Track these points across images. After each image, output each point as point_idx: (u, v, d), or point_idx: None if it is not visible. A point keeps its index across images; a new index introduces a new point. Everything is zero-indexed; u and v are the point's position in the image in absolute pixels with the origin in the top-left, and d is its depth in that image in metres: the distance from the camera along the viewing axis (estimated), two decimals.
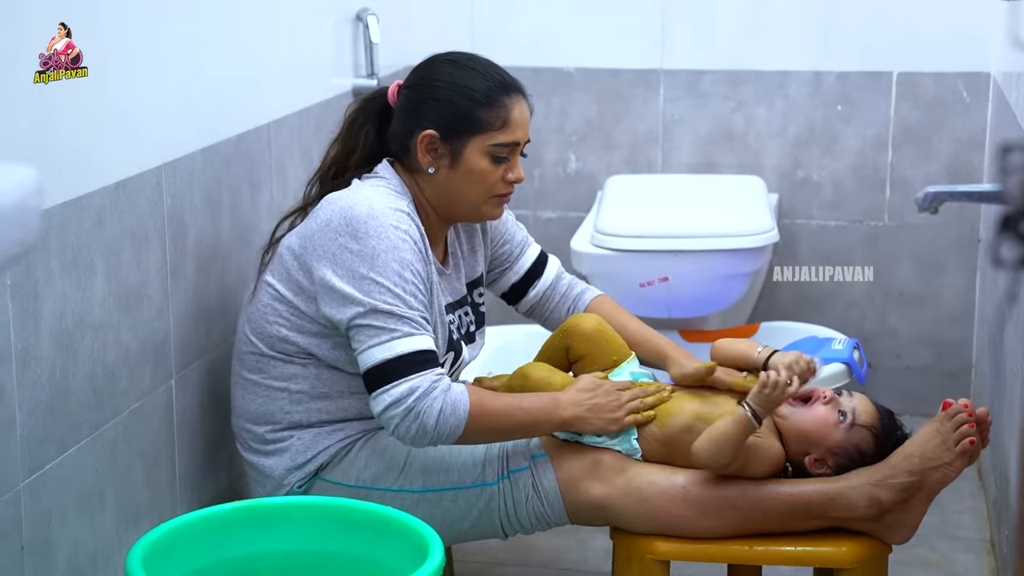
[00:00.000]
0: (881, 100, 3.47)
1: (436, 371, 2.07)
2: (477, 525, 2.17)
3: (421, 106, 2.19)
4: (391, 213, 2.12)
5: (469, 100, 2.17)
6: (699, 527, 2.10)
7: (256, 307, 2.19)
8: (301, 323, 2.16)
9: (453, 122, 2.17)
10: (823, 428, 2.09)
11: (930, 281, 3.55)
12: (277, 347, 2.18)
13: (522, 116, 2.20)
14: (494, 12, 3.58)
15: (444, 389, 2.05)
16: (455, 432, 2.05)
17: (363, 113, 2.28)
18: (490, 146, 2.18)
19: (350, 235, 2.09)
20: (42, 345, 1.86)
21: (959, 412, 2.07)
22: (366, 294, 2.06)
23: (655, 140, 3.59)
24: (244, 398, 2.22)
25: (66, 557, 1.94)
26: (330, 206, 2.14)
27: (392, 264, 2.08)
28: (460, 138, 2.17)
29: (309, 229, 2.15)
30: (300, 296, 2.15)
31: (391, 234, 2.09)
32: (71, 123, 1.92)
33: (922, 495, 2.07)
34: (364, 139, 2.26)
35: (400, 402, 2.03)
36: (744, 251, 3.06)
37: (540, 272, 2.46)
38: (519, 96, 2.21)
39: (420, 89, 2.21)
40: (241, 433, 2.25)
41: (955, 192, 2.48)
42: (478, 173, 2.19)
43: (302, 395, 2.18)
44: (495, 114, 2.17)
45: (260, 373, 2.20)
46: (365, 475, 2.17)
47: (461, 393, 2.07)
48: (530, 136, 2.24)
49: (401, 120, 2.22)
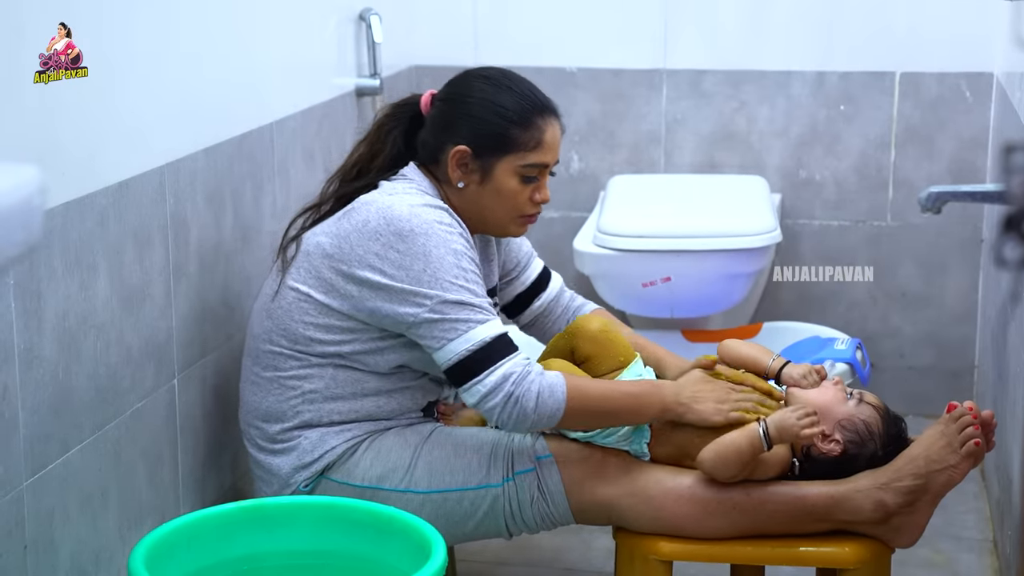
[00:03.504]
0: (884, 100, 3.47)
1: (523, 355, 2.08)
2: (482, 525, 2.17)
3: (455, 120, 2.20)
4: (432, 210, 2.12)
5: (503, 119, 2.18)
6: (704, 528, 2.10)
7: (280, 305, 2.18)
8: (329, 322, 2.15)
9: (486, 140, 2.18)
10: (831, 401, 2.11)
11: (933, 281, 3.55)
12: (300, 346, 2.17)
13: (554, 138, 2.22)
14: (497, 12, 3.58)
15: (539, 372, 2.06)
16: (555, 415, 2.05)
17: (393, 118, 2.29)
18: (521, 166, 2.19)
19: (395, 235, 2.09)
20: (45, 345, 1.86)
21: (964, 415, 2.07)
22: (430, 287, 2.07)
23: (658, 140, 3.59)
24: (256, 395, 2.22)
25: (69, 556, 1.94)
26: (366, 208, 2.14)
27: (447, 257, 2.08)
28: (492, 156, 2.18)
29: (342, 230, 2.14)
30: (331, 295, 2.14)
31: (437, 229, 2.10)
32: (73, 123, 1.92)
33: (928, 498, 2.07)
34: (391, 144, 2.26)
35: (497, 390, 2.04)
36: (747, 251, 3.06)
37: (545, 285, 2.47)
38: (552, 117, 2.22)
39: (455, 103, 2.22)
40: (249, 431, 2.25)
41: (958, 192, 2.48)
42: (507, 192, 2.19)
43: (315, 395, 2.18)
44: (528, 135, 2.18)
45: (275, 371, 2.19)
46: (370, 475, 2.17)
47: (556, 376, 2.07)
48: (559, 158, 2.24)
49: (433, 132, 2.23)
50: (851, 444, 2.09)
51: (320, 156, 2.83)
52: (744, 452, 2.04)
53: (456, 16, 3.58)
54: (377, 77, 3.10)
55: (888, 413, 2.13)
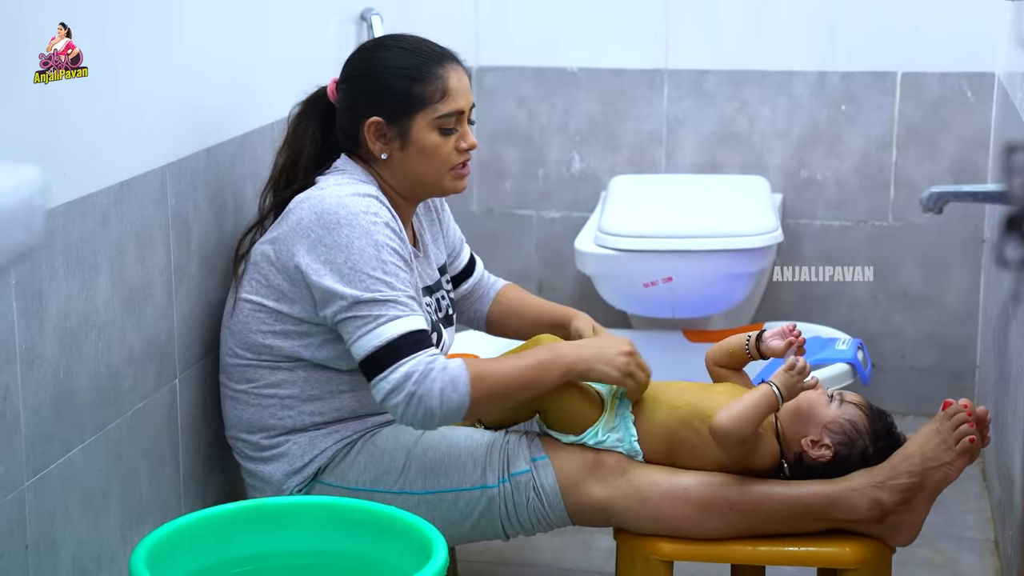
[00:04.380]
0: (885, 100, 3.47)
1: (429, 352, 2.07)
2: (478, 527, 2.17)
3: (360, 95, 2.20)
4: (359, 200, 2.12)
5: (404, 79, 2.18)
6: (701, 528, 2.10)
7: (238, 319, 2.19)
8: (285, 328, 2.16)
9: (394, 104, 2.18)
10: (815, 406, 2.11)
11: (934, 281, 3.55)
12: (264, 355, 2.18)
13: (460, 83, 2.20)
14: (498, 12, 3.58)
15: (441, 368, 2.04)
16: (461, 407, 2.05)
17: (306, 116, 2.29)
18: (435, 119, 2.18)
19: (323, 228, 2.09)
20: (46, 345, 1.86)
21: (959, 411, 2.07)
22: (347, 285, 2.07)
23: (659, 140, 3.59)
24: (235, 409, 2.23)
25: (70, 556, 1.94)
26: (299, 206, 2.14)
27: (367, 249, 2.08)
28: (404, 118, 2.18)
29: (282, 232, 2.15)
30: (282, 301, 2.15)
31: (362, 220, 2.10)
32: (73, 123, 1.92)
33: (924, 495, 2.07)
34: (310, 142, 2.26)
35: (399, 389, 2.03)
36: (748, 251, 3.06)
37: (472, 269, 2.50)
38: (453, 63, 2.21)
39: (356, 80, 2.22)
40: (236, 444, 2.25)
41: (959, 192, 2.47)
42: (430, 148, 2.19)
43: (292, 399, 2.18)
44: (432, 87, 2.18)
45: (248, 383, 2.20)
46: (364, 478, 2.17)
47: (458, 367, 2.05)
48: (474, 101, 2.24)
49: (345, 114, 2.23)
50: (841, 446, 2.09)
51: None
52: (761, 408, 2.04)
53: (457, 16, 3.58)
54: None
55: (871, 409, 2.13)
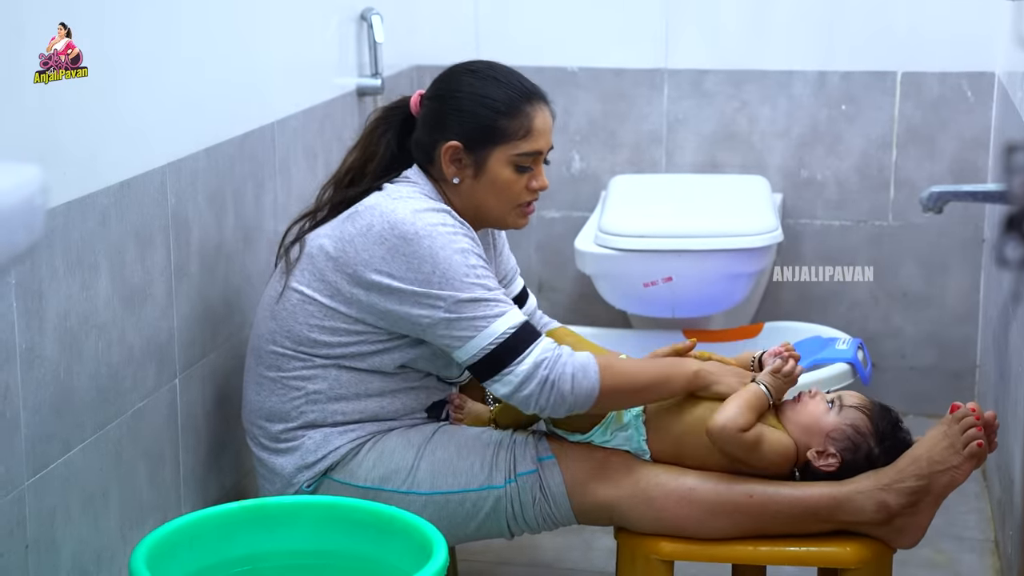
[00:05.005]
0: (885, 100, 3.47)
1: (547, 339, 2.09)
2: (484, 526, 2.17)
3: (444, 117, 2.20)
4: (434, 214, 2.12)
5: (491, 111, 2.18)
6: (706, 529, 2.10)
7: (284, 307, 2.18)
8: (334, 324, 2.15)
9: (476, 133, 2.18)
10: (816, 416, 2.10)
11: (934, 281, 3.55)
12: (304, 347, 2.17)
13: (544, 124, 2.21)
14: (498, 11, 3.58)
15: (569, 353, 2.07)
16: (591, 394, 2.06)
17: (385, 122, 2.29)
18: (513, 156, 2.19)
19: (400, 239, 2.09)
20: (46, 344, 1.86)
21: (967, 415, 2.07)
22: (441, 288, 2.07)
23: (659, 140, 3.59)
24: (259, 395, 2.22)
25: (70, 556, 1.94)
26: (370, 212, 2.13)
27: (454, 256, 2.08)
28: (483, 149, 2.18)
29: (346, 233, 2.14)
30: (335, 299, 2.14)
31: (441, 231, 2.10)
32: (73, 123, 1.92)
33: (930, 499, 2.07)
34: (384, 147, 2.27)
35: (531, 377, 2.05)
36: (748, 251, 3.06)
37: (523, 303, 2.48)
38: (541, 104, 2.22)
39: (442, 100, 2.22)
40: (252, 429, 2.24)
41: (959, 192, 2.48)
42: (502, 183, 2.20)
43: (319, 395, 2.18)
44: (517, 123, 2.18)
45: (279, 371, 2.19)
46: (373, 476, 2.17)
47: (587, 356, 2.08)
48: (553, 144, 2.25)
49: (425, 131, 2.23)
50: (846, 452, 2.09)
51: (321, 156, 2.83)
52: (750, 402, 2.06)
53: (457, 16, 3.58)
54: (378, 77, 3.10)
55: (874, 409, 2.12)
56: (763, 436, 2.07)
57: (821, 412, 2.11)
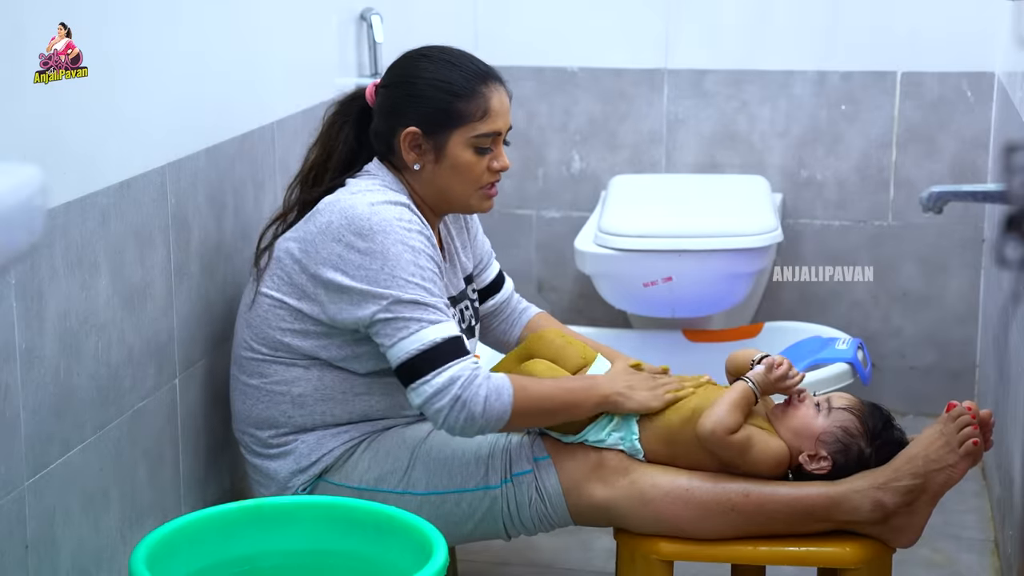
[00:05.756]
0: (885, 100, 3.47)
1: (471, 358, 2.08)
2: (480, 527, 2.17)
3: (400, 104, 2.20)
4: (392, 207, 2.12)
5: (447, 93, 2.17)
6: (703, 529, 2.10)
7: (257, 313, 2.19)
8: (305, 327, 2.16)
9: (433, 117, 2.17)
10: (805, 420, 2.11)
11: (934, 281, 3.55)
12: (280, 352, 2.17)
13: (501, 104, 2.20)
14: (498, 11, 3.58)
15: (486, 376, 2.07)
16: (502, 418, 2.06)
17: (342, 116, 2.29)
18: (472, 138, 2.18)
19: (355, 234, 2.09)
20: (46, 344, 1.86)
21: (963, 414, 2.07)
22: (385, 287, 2.07)
23: (659, 140, 3.59)
24: (245, 404, 2.22)
25: (70, 556, 1.94)
26: (328, 208, 2.14)
27: (405, 255, 2.08)
28: (442, 132, 2.18)
29: (308, 232, 2.14)
30: (303, 300, 2.15)
31: (396, 226, 2.10)
32: (74, 123, 1.92)
33: (926, 497, 2.07)
34: (344, 142, 2.26)
35: (443, 392, 2.04)
36: (748, 251, 3.06)
37: (499, 287, 2.48)
38: (497, 84, 2.21)
39: (398, 87, 2.22)
40: (243, 438, 2.25)
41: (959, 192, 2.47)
42: (463, 165, 2.19)
43: (305, 398, 2.18)
44: (474, 105, 2.18)
45: (261, 378, 2.20)
46: (368, 477, 2.17)
47: (502, 379, 2.07)
48: (512, 123, 2.25)
49: (382, 119, 2.23)
50: (837, 454, 2.09)
51: None
52: (737, 401, 2.07)
53: (457, 16, 3.58)
54: (378, 77, 3.09)
55: (863, 409, 2.12)
56: (752, 438, 2.07)
57: (810, 416, 2.11)
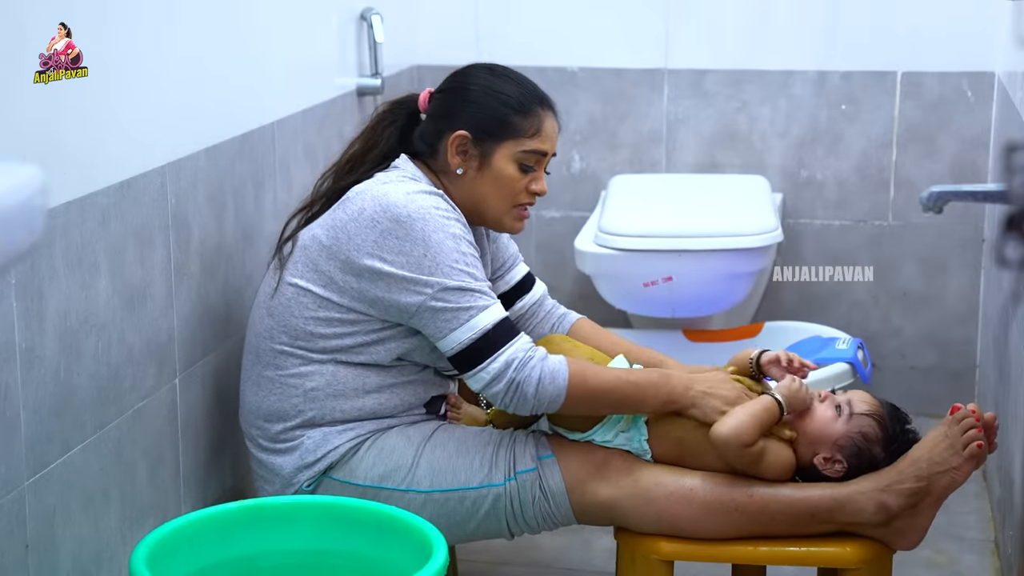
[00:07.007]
0: (885, 100, 3.47)
1: (525, 338, 2.10)
2: (483, 525, 2.17)
3: (456, 107, 2.22)
4: (427, 196, 2.13)
5: (504, 105, 2.20)
6: (706, 529, 2.10)
7: (279, 302, 2.18)
8: (329, 315, 2.15)
9: (486, 125, 2.19)
10: (824, 424, 2.10)
11: (934, 281, 3.55)
12: (302, 341, 2.17)
13: (552, 130, 2.24)
14: (498, 11, 3.58)
15: (541, 357, 2.08)
16: (555, 400, 2.07)
17: (391, 115, 2.30)
18: (520, 152, 2.20)
19: (392, 221, 2.09)
20: (46, 344, 1.86)
21: (967, 416, 2.07)
22: (429, 274, 2.07)
23: (659, 140, 3.59)
24: (257, 395, 2.22)
25: (70, 556, 1.94)
26: (360, 197, 2.14)
27: (446, 241, 2.09)
28: (491, 141, 2.20)
29: (338, 220, 2.14)
30: (330, 288, 2.14)
31: (435, 214, 2.11)
32: (73, 123, 1.92)
33: (930, 500, 2.07)
34: (386, 140, 2.28)
35: (500, 377, 2.06)
36: (748, 251, 3.06)
37: (528, 288, 2.47)
38: (551, 111, 2.25)
39: (456, 91, 2.24)
40: (251, 431, 2.24)
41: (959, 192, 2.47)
42: (505, 178, 2.21)
43: (317, 393, 2.18)
44: (528, 122, 2.21)
45: (276, 369, 2.19)
46: (373, 474, 2.17)
47: (559, 362, 2.08)
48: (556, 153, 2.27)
49: (432, 122, 2.24)
50: (853, 458, 2.09)
51: (321, 156, 2.83)
52: (760, 417, 2.05)
53: (458, 15, 3.58)
54: (378, 77, 3.10)
55: (884, 415, 2.12)
56: (766, 451, 2.07)
57: (829, 419, 2.10)
